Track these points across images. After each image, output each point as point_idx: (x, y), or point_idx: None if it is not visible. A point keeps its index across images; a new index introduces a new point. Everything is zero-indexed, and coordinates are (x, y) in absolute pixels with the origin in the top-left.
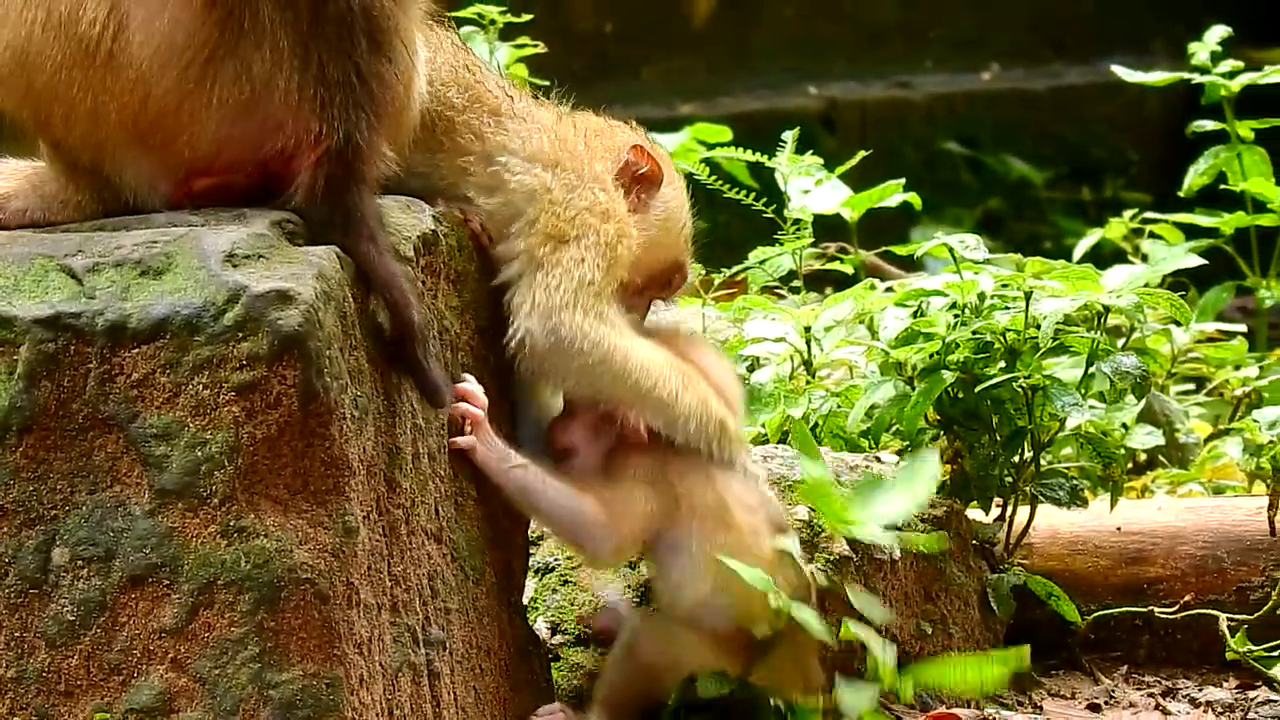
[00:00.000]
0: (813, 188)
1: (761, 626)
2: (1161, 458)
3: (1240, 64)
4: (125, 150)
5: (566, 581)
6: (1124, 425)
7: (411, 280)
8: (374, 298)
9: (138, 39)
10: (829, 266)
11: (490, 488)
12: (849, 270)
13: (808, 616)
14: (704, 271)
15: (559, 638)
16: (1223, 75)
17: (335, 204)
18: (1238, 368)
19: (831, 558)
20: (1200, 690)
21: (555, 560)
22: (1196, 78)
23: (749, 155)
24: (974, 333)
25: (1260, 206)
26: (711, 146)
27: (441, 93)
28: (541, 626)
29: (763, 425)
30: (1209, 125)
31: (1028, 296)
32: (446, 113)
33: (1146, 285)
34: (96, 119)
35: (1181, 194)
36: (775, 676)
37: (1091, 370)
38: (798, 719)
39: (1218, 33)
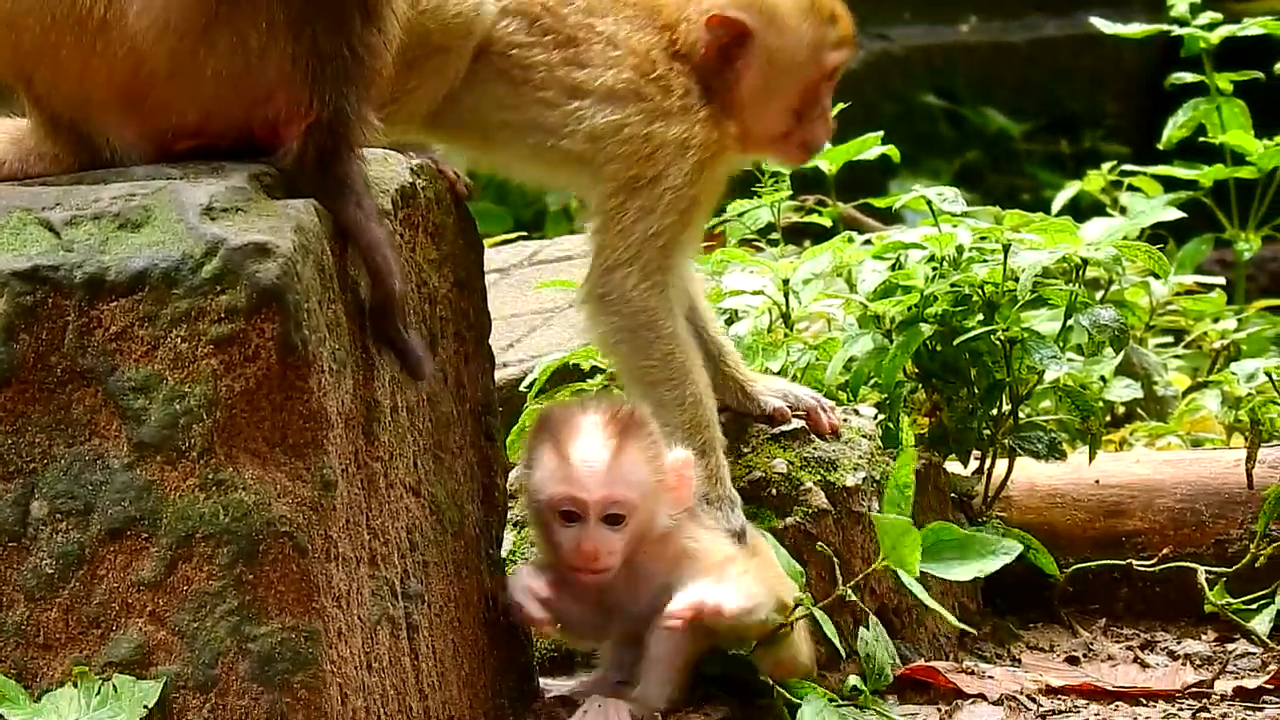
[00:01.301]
0: None
1: (777, 617)
2: (1140, 410)
3: (1219, 16)
4: (110, 113)
5: None
6: (1102, 378)
7: (395, 248)
8: (355, 265)
9: (134, 8)
10: (807, 219)
11: (470, 441)
12: (827, 223)
13: (819, 614)
14: None
15: None
16: (1202, 27)
17: (324, 171)
18: (1216, 320)
19: (810, 510)
20: (1178, 643)
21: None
22: (1175, 30)
23: None
24: (952, 285)
25: (1239, 159)
26: None
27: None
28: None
29: None
30: (1188, 77)
31: (1006, 249)
32: (510, 51)
33: (1125, 238)
34: (83, 82)
35: (1160, 146)
36: (777, 657)
37: (1070, 323)
38: (794, 694)
39: None
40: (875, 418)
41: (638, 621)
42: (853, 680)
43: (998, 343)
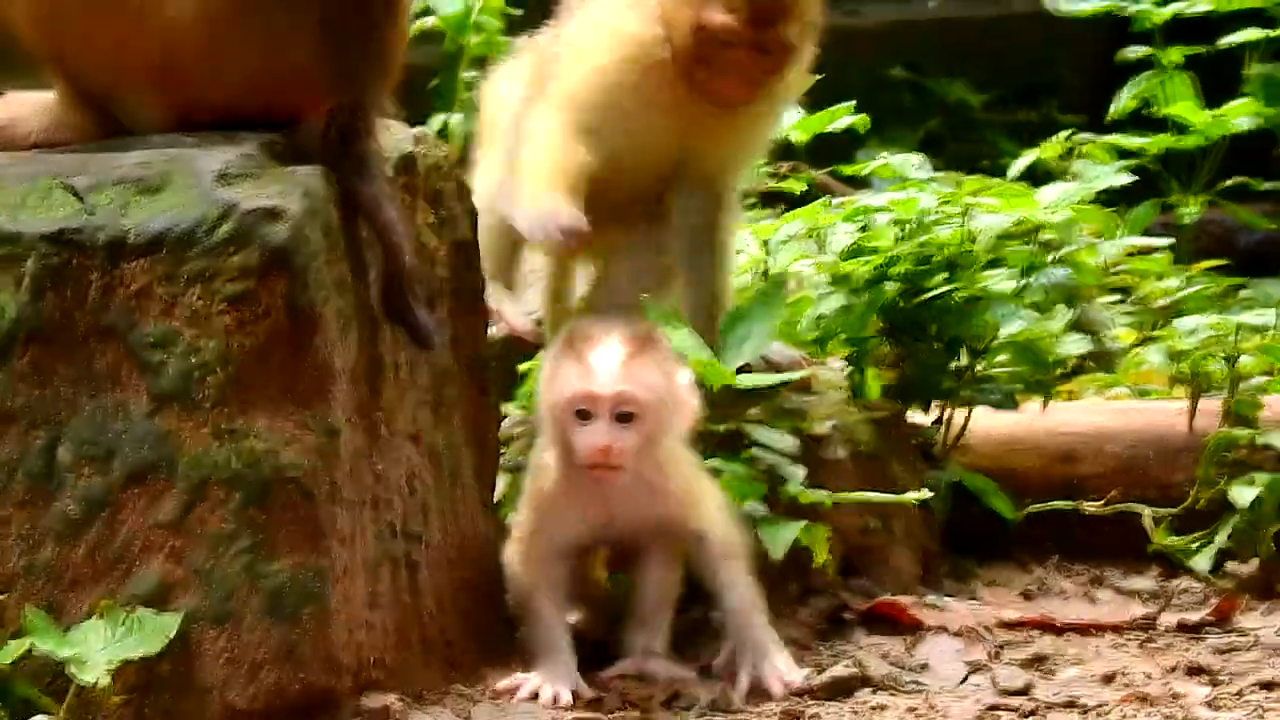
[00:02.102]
0: None
1: None
2: (1090, 363)
3: None
4: (139, 90)
5: None
6: (1055, 333)
7: (411, 226)
8: (363, 230)
9: None
10: (782, 185)
11: (466, 394)
12: (800, 189)
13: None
14: None
15: None
16: (1152, 4)
17: (345, 150)
18: (1161, 279)
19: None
20: (1125, 579)
21: (523, 460)
22: (1127, 8)
23: None
24: (916, 247)
25: (1184, 129)
26: None
27: None
28: (512, 521)
29: None
30: (1138, 52)
31: (966, 213)
32: None
33: (1078, 202)
34: (113, 60)
35: (1111, 117)
36: None
37: (1026, 282)
38: None
39: None
40: (843, 370)
41: (626, 544)
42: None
43: (958, 300)
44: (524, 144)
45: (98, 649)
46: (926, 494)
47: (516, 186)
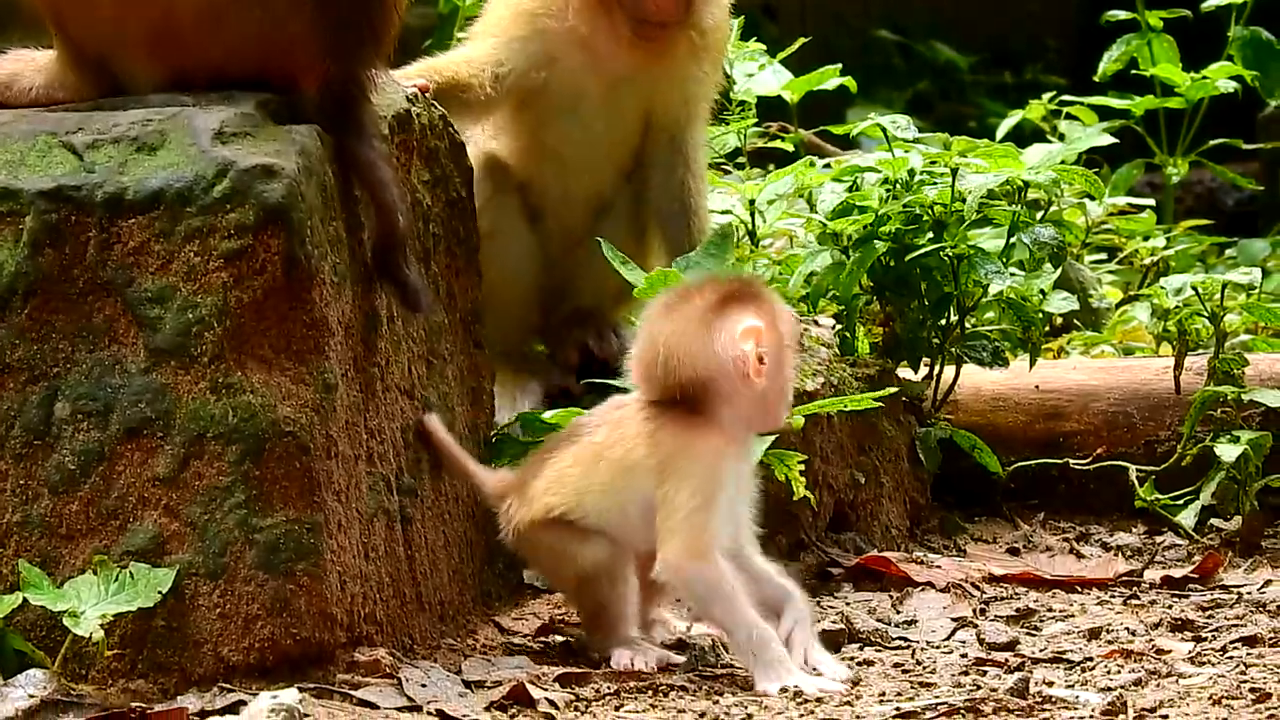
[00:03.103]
0: (756, 72)
1: None
2: (1076, 321)
3: None
4: (137, 53)
5: None
6: (1042, 291)
7: (402, 185)
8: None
9: None
10: (771, 145)
11: (460, 348)
12: (789, 148)
13: None
14: None
15: None
16: None
17: (340, 114)
18: (1146, 238)
19: None
20: (1111, 535)
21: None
22: None
23: None
24: (904, 206)
25: (1168, 90)
26: None
27: None
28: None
29: None
30: (1121, 15)
31: (954, 173)
32: None
33: (1063, 162)
34: (115, 24)
35: (1096, 78)
36: None
37: (1012, 240)
38: None
39: None
40: (833, 328)
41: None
42: None
43: (946, 259)
44: None
45: (92, 602)
46: (883, 396)
47: None
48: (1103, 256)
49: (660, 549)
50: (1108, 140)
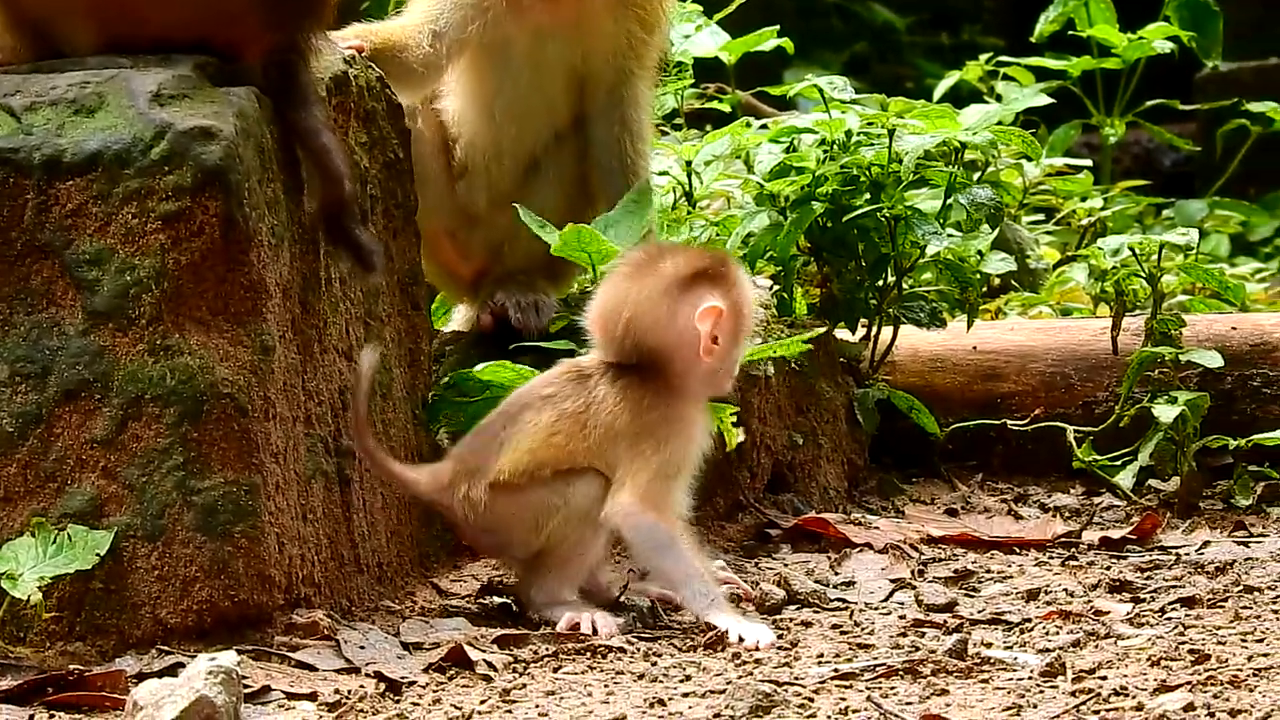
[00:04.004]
0: (693, 33)
1: None
2: (1014, 282)
3: None
4: (77, 17)
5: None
6: (979, 252)
7: (348, 152)
8: (309, 165)
9: None
10: (708, 106)
11: (398, 310)
12: (727, 109)
13: None
14: None
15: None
16: None
17: (283, 83)
18: (1084, 199)
19: None
20: (1049, 496)
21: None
22: None
23: None
24: (842, 167)
25: (1105, 51)
26: None
27: None
28: (443, 437)
29: None
30: None
31: (891, 134)
32: None
33: (1000, 123)
34: None
35: (1033, 39)
36: None
37: (950, 201)
38: None
39: None
40: (771, 288)
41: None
42: None
43: (883, 220)
44: None
45: (29, 565)
46: (813, 339)
47: None
48: (1040, 217)
49: (616, 494)
50: (1045, 101)
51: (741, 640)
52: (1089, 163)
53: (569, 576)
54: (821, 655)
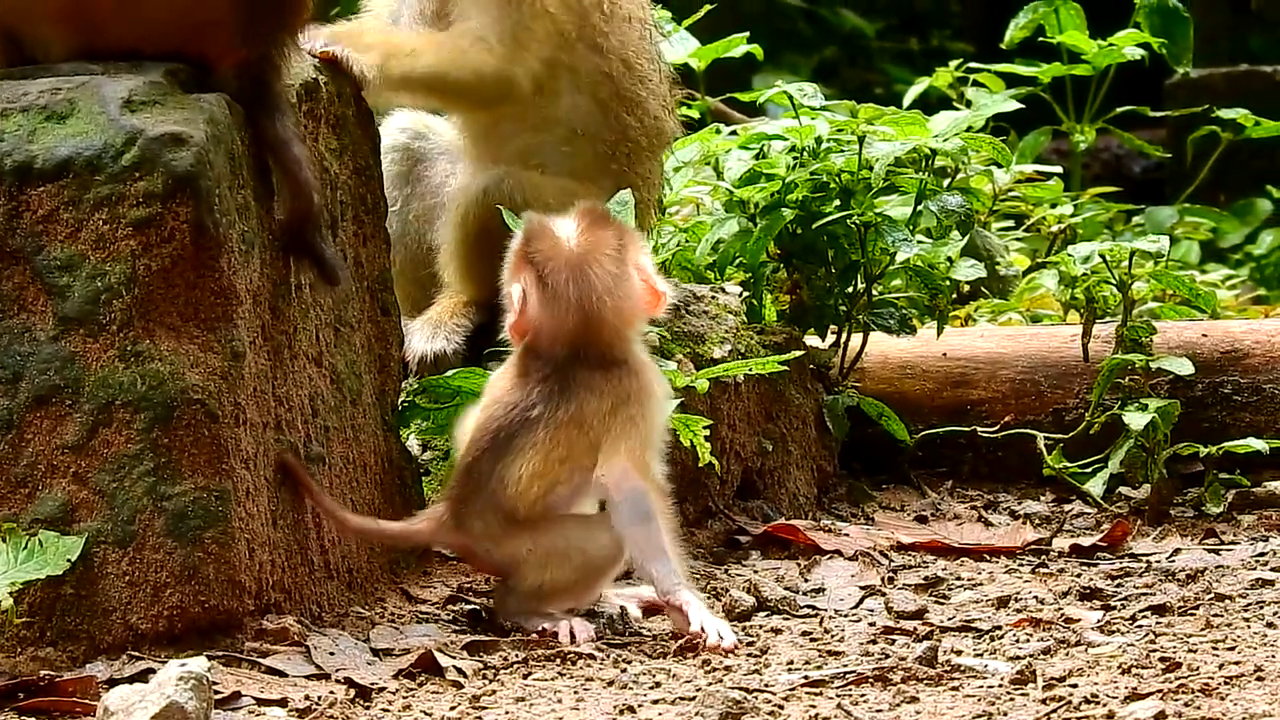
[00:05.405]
0: (663, 39)
1: None
2: (983, 289)
3: None
4: (50, 27)
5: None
6: (949, 259)
7: (318, 162)
8: (278, 175)
9: None
10: (678, 112)
11: (368, 316)
12: (696, 115)
13: None
14: None
15: (429, 454)
16: None
17: (255, 93)
18: (1054, 206)
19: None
20: (1019, 503)
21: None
22: None
23: None
24: (811, 173)
25: (1075, 57)
26: None
27: None
28: (413, 444)
29: None
30: None
31: (861, 140)
32: None
33: (970, 130)
34: (26, 1)
35: (1003, 45)
36: None
37: (920, 208)
38: None
39: None
40: (740, 295)
41: None
42: None
43: (853, 226)
44: None
45: (0, 570)
46: (788, 360)
47: None
48: (1010, 224)
49: (610, 458)
50: (1015, 107)
51: (704, 630)
52: (1059, 169)
53: (557, 606)
54: (791, 662)
